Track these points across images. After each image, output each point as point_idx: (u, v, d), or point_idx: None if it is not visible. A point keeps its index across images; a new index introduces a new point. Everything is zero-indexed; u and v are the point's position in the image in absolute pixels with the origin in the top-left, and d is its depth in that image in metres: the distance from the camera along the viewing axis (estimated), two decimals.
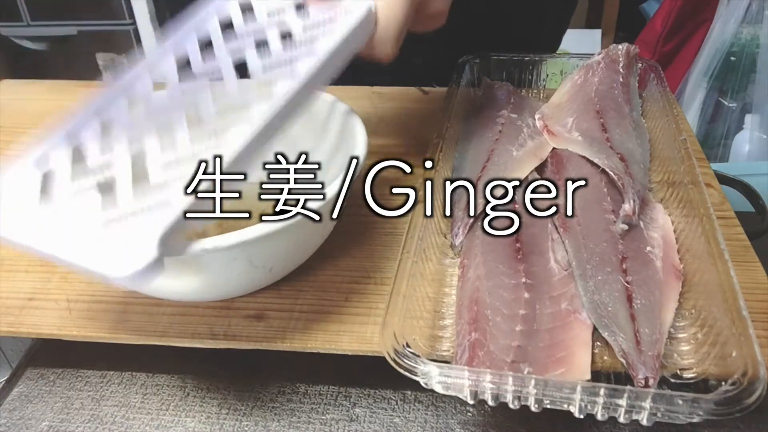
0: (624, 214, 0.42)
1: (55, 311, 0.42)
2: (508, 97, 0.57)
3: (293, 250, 0.41)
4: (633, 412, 0.30)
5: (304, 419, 0.40)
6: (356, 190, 0.39)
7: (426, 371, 0.31)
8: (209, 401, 0.41)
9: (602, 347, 0.37)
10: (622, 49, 0.57)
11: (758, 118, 1.48)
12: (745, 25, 1.45)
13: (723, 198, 0.49)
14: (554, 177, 0.48)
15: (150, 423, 0.40)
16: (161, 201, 0.31)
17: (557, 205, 0.41)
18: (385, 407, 0.40)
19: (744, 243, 0.44)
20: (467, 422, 0.39)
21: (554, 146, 0.51)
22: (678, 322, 0.37)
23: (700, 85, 1.52)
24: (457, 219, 0.46)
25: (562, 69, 0.61)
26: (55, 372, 0.44)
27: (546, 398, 0.31)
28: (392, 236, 0.47)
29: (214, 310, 0.41)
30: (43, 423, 0.40)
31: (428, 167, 0.46)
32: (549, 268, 0.41)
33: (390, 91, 0.68)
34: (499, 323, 0.37)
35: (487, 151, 0.50)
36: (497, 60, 0.62)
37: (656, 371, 0.33)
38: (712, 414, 0.28)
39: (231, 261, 0.37)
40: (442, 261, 0.43)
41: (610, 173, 0.45)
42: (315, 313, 0.41)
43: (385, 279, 0.43)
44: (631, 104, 0.54)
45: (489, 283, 0.39)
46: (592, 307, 0.37)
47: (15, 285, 0.44)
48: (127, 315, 0.42)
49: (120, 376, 0.43)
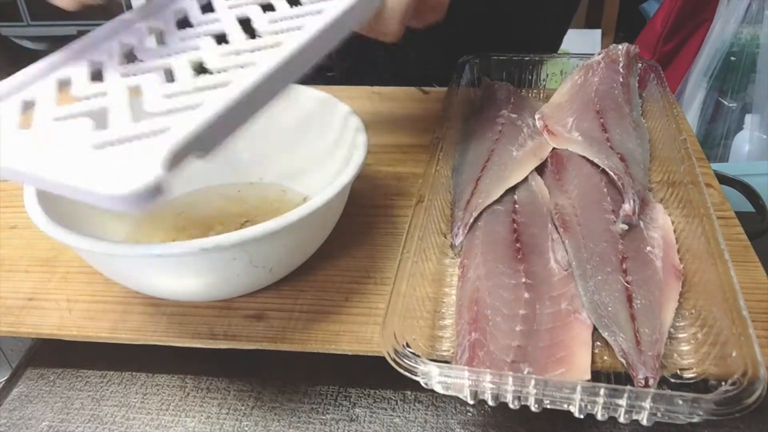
0: (624, 214, 0.42)
1: (55, 311, 0.42)
2: (508, 97, 0.57)
3: (293, 250, 0.41)
4: (633, 412, 0.30)
5: (304, 419, 0.40)
6: (356, 190, 0.39)
7: (426, 371, 0.31)
8: (209, 401, 0.41)
9: (602, 347, 0.37)
10: (622, 49, 0.57)
11: (758, 118, 1.47)
12: (745, 25, 1.45)
13: (723, 198, 0.49)
14: (554, 177, 0.48)
15: (150, 423, 0.40)
16: (163, 126, 0.27)
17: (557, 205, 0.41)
18: (385, 407, 0.40)
19: (744, 243, 0.44)
20: (467, 422, 0.39)
21: (554, 146, 0.51)
22: (678, 322, 0.37)
23: (700, 85, 1.52)
24: (457, 219, 0.46)
25: (562, 69, 0.61)
26: (55, 372, 0.44)
27: (546, 398, 0.31)
28: (392, 236, 0.47)
29: (214, 310, 0.41)
30: (43, 423, 0.40)
31: (428, 167, 0.46)
32: (549, 268, 0.41)
33: (390, 91, 0.68)
34: (499, 323, 0.37)
35: (487, 151, 0.50)
36: (497, 60, 0.62)
37: (656, 371, 0.34)
38: (712, 414, 0.28)
39: (231, 261, 0.37)
40: (442, 261, 0.43)
41: (610, 173, 0.45)
42: (315, 313, 0.41)
43: (385, 279, 0.43)
44: (631, 104, 0.54)
45: (489, 283, 0.39)
46: (592, 307, 0.37)
47: (15, 285, 0.44)
48: (127, 315, 0.42)
49: (120, 376, 0.43)
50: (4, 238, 0.49)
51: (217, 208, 0.50)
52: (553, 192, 0.47)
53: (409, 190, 0.52)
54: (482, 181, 0.47)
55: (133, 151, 0.26)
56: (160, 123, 0.28)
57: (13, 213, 0.51)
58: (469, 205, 0.46)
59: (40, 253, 0.47)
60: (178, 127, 0.26)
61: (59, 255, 0.47)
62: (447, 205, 0.48)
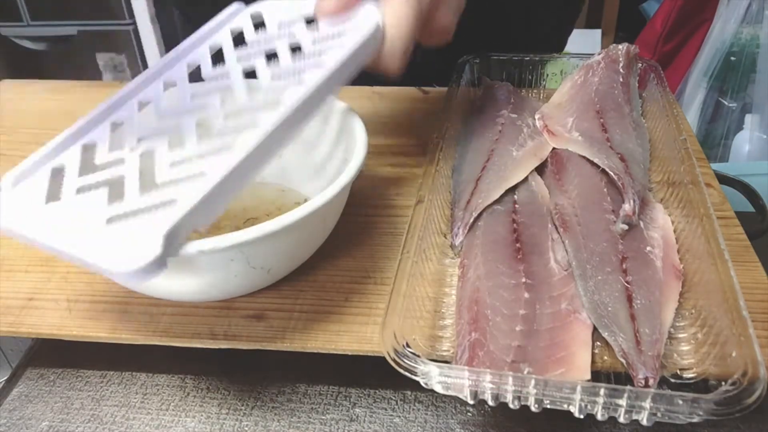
0: (624, 214, 0.42)
1: (55, 311, 0.42)
2: (508, 97, 0.57)
3: (292, 251, 0.41)
4: (633, 412, 0.30)
5: (304, 419, 0.40)
6: (356, 190, 0.39)
7: (426, 371, 0.31)
8: (209, 401, 0.41)
9: (602, 347, 0.37)
10: (622, 49, 0.57)
11: (758, 118, 1.48)
12: (745, 25, 1.45)
13: (723, 198, 0.49)
14: (554, 177, 0.48)
15: (150, 423, 0.40)
16: (167, 199, 0.31)
17: (557, 205, 0.41)
18: (385, 407, 0.40)
19: (744, 243, 0.44)
20: (467, 422, 0.39)
21: (554, 146, 0.51)
22: (678, 322, 0.37)
23: (700, 85, 1.52)
24: (457, 219, 0.46)
25: (562, 69, 0.61)
26: (55, 372, 0.44)
27: (546, 398, 0.31)
28: (392, 236, 0.47)
29: (214, 310, 0.41)
30: (43, 423, 0.40)
31: (428, 167, 0.46)
32: (549, 268, 0.41)
33: (390, 91, 0.68)
34: (499, 323, 0.37)
35: (487, 151, 0.50)
36: (497, 60, 0.62)
37: (656, 371, 0.33)
38: (712, 414, 0.28)
39: (228, 262, 0.37)
40: (442, 261, 0.43)
41: (610, 173, 0.45)
42: (315, 313, 0.41)
43: (385, 279, 0.43)
44: (631, 104, 0.54)
45: (489, 283, 0.39)
46: (592, 307, 0.37)
47: (15, 285, 0.44)
48: (127, 315, 0.42)
49: (120, 376, 0.43)
50: (4, 238, 0.49)
51: None
52: (553, 192, 0.47)
53: (409, 190, 0.52)
54: (482, 181, 0.47)
55: (139, 226, 0.30)
56: (166, 195, 0.31)
57: None
58: (469, 205, 0.46)
59: (40, 253, 0.47)
60: (177, 207, 0.30)
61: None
62: (447, 205, 0.48)
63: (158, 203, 0.31)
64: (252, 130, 0.34)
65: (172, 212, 0.30)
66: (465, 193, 0.47)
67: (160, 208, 0.31)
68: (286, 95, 0.36)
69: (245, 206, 0.50)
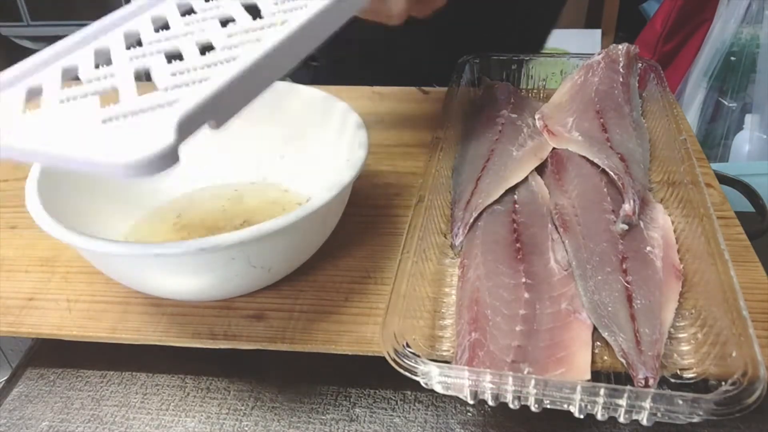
0: (624, 214, 0.42)
1: (55, 311, 0.42)
2: (508, 97, 0.57)
3: (292, 251, 0.41)
4: (633, 412, 0.30)
5: (304, 419, 0.40)
6: (356, 190, 0.39)
7: (426, 371, 0.31)
8: (209, 401, 0.41)
9: (602, 347, 0.37)
10: (622, 49, 0.57)
11: (758, 118, 1.47)
12: (745, 25, 1.45)
13: (723, 198, 0.49)
14: (554, 177, 0.48)
15: (150, 423, 0.40)
16: (173, 99, 0.27)
17: (557, 205, 0.41)
18: (385, 407, 0.40)
19: (744, 243, 0.44)
20: (467, 422, 0.39)
21: (554, 146, 0.51)
22: (678, 322, 0.37)
23: (700, 85, 1.52)
24: (457, 219, 0.46)
25: (562, 69, 0.61)
26: (55, 372, 0.44)
27: (546, 398, 0.31)
28: (392, 236, 0.47)
29: (214, 310, 0.41)
30: (43, 423, 0.40)
31: (428, 167, 0.46)
32: (549, 268, 0.41)
33: (390, 91, 0.68)
34: (499, 323, 0.37)
35: (487, 151, 0.50)
36: (497, 60, 0.62)
37: (656, 371, 0.33)
38: (712, 414, 0.28)
39: (229, 261, 0.37)
40: (442, 261, 0.43)
41: (610, 173, 0.45)
42: (315, 313, 0.41)
43: (385, 279, 0.43)
44: (631, 104, 0.54)
45: (489, 283, 0.39)
46: (592, 307, 0.37)
47: (15, 285, 0.44)
48: (127, 315, 0.42)
49: (120, 376, 0.43)
50: (4, 238, 0.49)
51: (218, 208, 0.50)
52: (553, 192, 0.47)
53: (409, 190, 0.52)
54: (482, 181, 0.47)
55: (143, 122, 0.26)
56: (170, 96, 0.27)
57: (13, 213, 0.51)
58: (469, 205, 0.46)
59: (40, 253, 0.47)
60: (188, 97, 0.26)
61: (59, 255, 0.47)
62: (447, 205, 0.48)
63: (163, 103, 0.27)
64: (258, 44, 0.30)
65: (180, 106, 0.26)
66: (465, 193, 0.47)
67: (165, 107, 0.27)
68: (292, 17, 0.33)
69: (246, 206, 0.50)
